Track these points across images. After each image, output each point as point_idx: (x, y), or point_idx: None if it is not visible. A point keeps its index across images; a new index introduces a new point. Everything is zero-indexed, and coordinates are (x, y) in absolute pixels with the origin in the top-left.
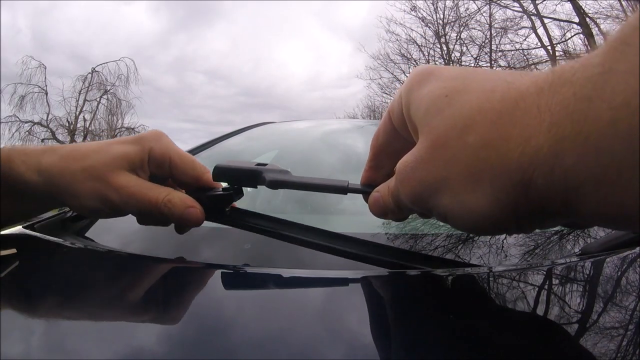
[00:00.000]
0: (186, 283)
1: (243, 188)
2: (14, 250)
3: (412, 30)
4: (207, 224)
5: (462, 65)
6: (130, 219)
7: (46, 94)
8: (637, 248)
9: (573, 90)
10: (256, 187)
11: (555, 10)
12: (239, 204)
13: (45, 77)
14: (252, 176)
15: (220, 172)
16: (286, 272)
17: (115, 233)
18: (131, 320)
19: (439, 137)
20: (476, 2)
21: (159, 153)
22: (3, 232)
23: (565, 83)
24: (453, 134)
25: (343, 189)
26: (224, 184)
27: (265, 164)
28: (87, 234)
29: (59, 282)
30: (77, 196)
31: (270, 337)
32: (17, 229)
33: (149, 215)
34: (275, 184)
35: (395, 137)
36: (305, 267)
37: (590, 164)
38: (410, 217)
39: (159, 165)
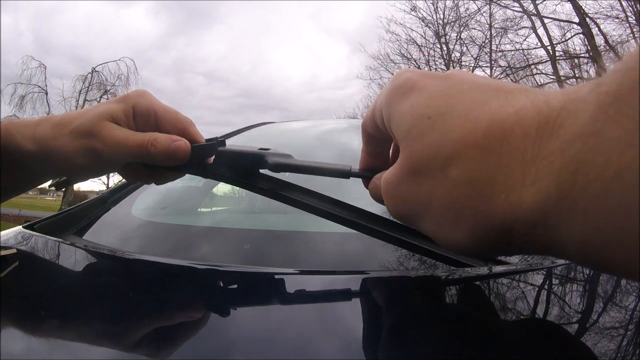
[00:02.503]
0: (186, 283)
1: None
2: (14, 250)
3: (412, 30)
4: (207, 223)
5: (462, 66)
6: (129, 219)
7: (46, 93)
8: None
9: (560, 147)
10: (247, 170)
11: (555, 10)
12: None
13: (45, 77)
14: (254, 160)
15: (223, 156)
16: (286, 272)
17: (115, 233)
18: (131, 320)
19: (421, 165)
20: (476, 2)
21: (143, 107)
22: (3, 232)
23: (552, 134)
24: (435, 165)
25: (346, 173)
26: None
27: (267, 149)
28: (87, 234)
29: (58, 282)
30: (67, 156)
31: (269, 336)
32: (17, 229)
33: (135, 160)
34: (278, 167)
35: (381, 132)
36: (304, 267)
37: (575, 230)
38: None
39: (145, 120)
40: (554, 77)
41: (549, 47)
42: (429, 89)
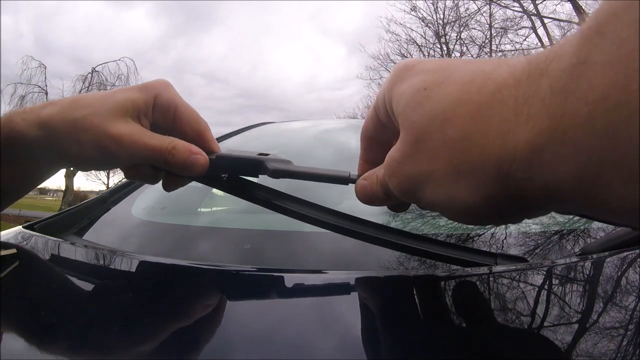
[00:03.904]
0: (186, 283)
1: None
2: (14, 250)
3: (412, 30)
4: (207, 223)
5: None
6: (129, 219)
7: (46, 94)
8: (637, 248)
9: (549, 82)
10: (257, 177)
11: (555, 10)
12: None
13: (45, 77)
14: (254, 166)
15: (222, 162)
16: (286, 272)
17: (115, 233)
18: (131, 320)
19: (420, 132)
20: (476, 2)
21: (165, 100)
22: (3, 232)
23: (542, 74)
24: (433, 127)
25: (345, 179)
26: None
27: (267, 154)
28: (87, 234)
29: (58, 282)
30: (77, 145)
31: (269, 336)
32: (17, 229)
33: (148, 164)
34: (277, 173)
35: (383, 131)
36: (304, 267)
37: (569, 161)
38: (408, 219)
39: (164, 114)
40: None
41: (549, 47)
42: (425, 68)
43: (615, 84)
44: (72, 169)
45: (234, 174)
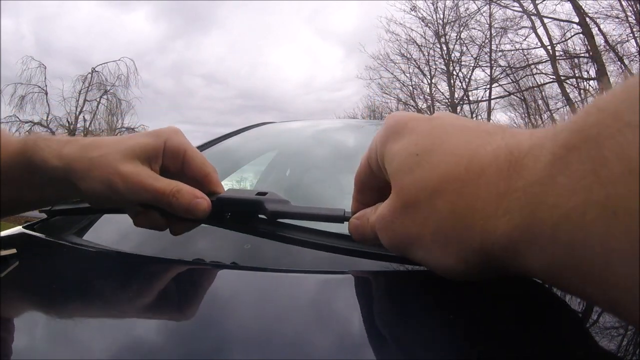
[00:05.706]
0: (185, 282)
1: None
2: (14, 250)
3: (412, 30)
4: (207, 222)
5: (462, 66)
6: (129, 218)
7: (46, 94)
8: None
9: (523, 186)
10: (257, 217)
11: (555, 10)
12: None
13: (45, 77)
14: (253, 206)
15: (222, 203)
16: (285, 272)
17: (115, 233)
18: (130, 320)
19: (410, 198)
20: (476, 2)
21: (175, 145)
22: (3, 232)
23: (520, 174)
24: (423, 197)
25: (340, 218)
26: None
27: (265, 193)
28: (87, 234)
29: (59, 282)
30: (89, 180)
31: (268, 335)
32: (17, 229)
33: (154, 206)
34: (275, 215)
35: (375, 179)
36: (304, 267)
37: (537, 258)
38: None
39: (173, 158)
40: (554, 77)
41: (549, 47)
42: (417, 129)
43: (575, 209)
44: None
45: (235, 214)
